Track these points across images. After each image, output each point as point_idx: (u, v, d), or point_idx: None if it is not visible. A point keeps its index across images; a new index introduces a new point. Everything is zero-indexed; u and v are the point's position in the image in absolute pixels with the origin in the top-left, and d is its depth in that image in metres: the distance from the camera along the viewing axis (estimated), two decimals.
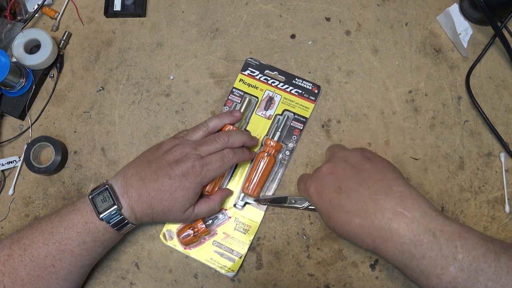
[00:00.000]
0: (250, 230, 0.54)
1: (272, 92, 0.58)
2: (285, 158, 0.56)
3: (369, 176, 0.43)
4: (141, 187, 0.48)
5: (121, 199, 0.48)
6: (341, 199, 0.43)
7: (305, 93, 0.57)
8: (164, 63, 0.61)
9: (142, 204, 0.48)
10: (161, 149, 0.51)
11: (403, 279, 0.52)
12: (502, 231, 0.53)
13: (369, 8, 0.60)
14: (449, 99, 0.57)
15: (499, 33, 0.54)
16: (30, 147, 0.58)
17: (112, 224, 0.48)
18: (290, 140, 0.57)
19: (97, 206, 0.47)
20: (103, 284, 0.55)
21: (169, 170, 0.48)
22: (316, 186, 0.47)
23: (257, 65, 0.59)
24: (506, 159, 0.55)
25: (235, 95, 0.58)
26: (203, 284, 0.54)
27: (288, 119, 0.57)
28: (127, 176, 0.49)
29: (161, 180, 0.48)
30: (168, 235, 0.55)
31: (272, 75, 0.58)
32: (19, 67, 0.59)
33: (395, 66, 0.58)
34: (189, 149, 0.50)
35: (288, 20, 0.61)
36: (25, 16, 0.63)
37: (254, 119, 0.57)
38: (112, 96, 0.61)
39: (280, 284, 0.54)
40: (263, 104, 0.57)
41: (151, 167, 0.49)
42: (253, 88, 0.58)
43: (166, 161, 0.49)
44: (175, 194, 0.48)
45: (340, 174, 0.45)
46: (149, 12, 0.63)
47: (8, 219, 0.58)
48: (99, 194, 0.48)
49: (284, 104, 0.57)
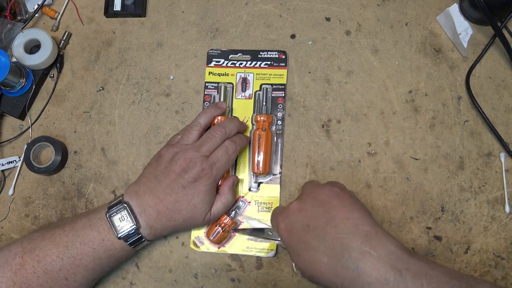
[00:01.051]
0: (273, 206, 0.55)
1: (243, 73, 0.59)
2: (279, 128, 0.57)
3: (336, 214, 0.43)
4: (157, 204, 0.48)
5: (139, 218, 0.47)
6: (309, 237, 0.43)
7: (274, 63, 0.59)
8: (164, 63, 0.61)
9: (162, 219, 0.48)
10: (163, 161, 0.50)
11: None
12: (502, 231, 0.53)
13: (369, 8, 0.60)
14: (449, 99, 0.57)
15: (499, 33, 0.54)
16: (30, 147, 0.58)
17: (129, 243, 0.48)
18: (277, 110, 0.58)
19: (115, 225, 0.47)
20: (103, 284, 0.55)
21: (181, 180, 0.48)
22: (285, 224, 0.46)
23: (219, 54, 0.60)
24: (506, 159, 0.55)
25: (210, 89, 0.59)
26: (203, 284, 0.54)
27: (268, 91, 0.58)
28: (140, 194, 0.49)
29: (176, 192, 0.48)
30: (198, 241, 0.55)
31: (237, 57, 0.59)
32: (19, 67, 0.59)
33: (395, 66, 0.58)
34: (192, 153, 0.49)
35: (288, 20, 0.61)
36: (25, 16, 0.63)
37: (237, 104, 0.58)
38: (112, 96, 0.61)
39: (280, 284, 0.54)
40: (239, 87, 0.58)
41: (162, 183, 0.49)
42: (224, 76, 0.59)
43: (174, 173, 0.49)
44: (193, 201, 0.48)
45: (309, 211, 0.44)
46: (149, 12, 0.63)
47: (8, 219, 0.58)
48: (117, 212, 0.47)
49: (259, 80, 0.58)
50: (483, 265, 0.53)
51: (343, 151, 0.56)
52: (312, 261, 0.42)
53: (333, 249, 0.41)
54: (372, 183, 0.55)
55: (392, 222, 0.54)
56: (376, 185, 0.55)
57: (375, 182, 0.55)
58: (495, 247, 0.53)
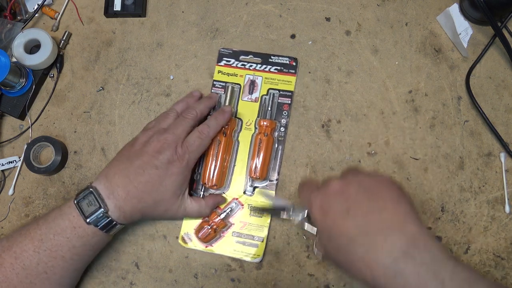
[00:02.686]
0: (265, 213, 0.55)
1: (252, 75, 0.58)
2: (281, 134, 0.57)
3: (383, 205, 0.39)
4: (127, 184, 0.47)
5: (107, 201, 0.47)
6: (348, 223, 0.39)
7: (284, 68, 0.58)
8: (164, 63, 0.61)
9: (131, 200, 0.47)
10: (137, 143, 0.50)
11: None
12: (502, 231, 0.53)
13: (369, 8, 0.60)
14: (449, 99, 0.57)
15: (499, 33, 0.54)
16: (30, 147, 0.58)
17: (100, 227, 0.47)
18: (282, 116, 0.57)
19: (83, 211, 0.47)
20: (103, 284, 0.55)
21: (154, 161, 0.48)
22: (322, 203, 0.42)
23: (230, 54, 0.59)
24: (506, 159, 0.55)
25: (217, 87, 0.59)
26: (203, 284, 0.54)
27: (275, 96, 0.58)
28: (110, 176, 0.48)
29: (148, 172, 0.48)
30: (187, 238, 0.55)
31: (248, 59, 0.59)
32: (19, 67, 0.59)
33: (395, 66, 0.58)
34: (167, 135, 0.50)
35: (288, 20, 0.61)
36: (25, 16, 0.63)
37: (242, 105, 0.58)
38: (112, 96, 0.61)
39: (280, 284, 0.54)
40: (246, 88, 0.58)
41: (134, 163, 0.48)
42: (233, 76, 0.59)
43: (148, 154, 0.48)
44: (165, 183, 0.48)
45: (351, 196, 0.41)
46: (149, 12, 0.63)
47: (8, 219, 0.58)
48: (84, 198, 0.47)
49: (267, 84, 0.58)
50: (483, 265, 0.53)
51: (343, 151, 0.56)
52: (345, 249, 0.39)
53: (373, 243, 0.38)
54: None
55: None
56: None
57: None
58: (495, 247, 0.53)
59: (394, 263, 0.36)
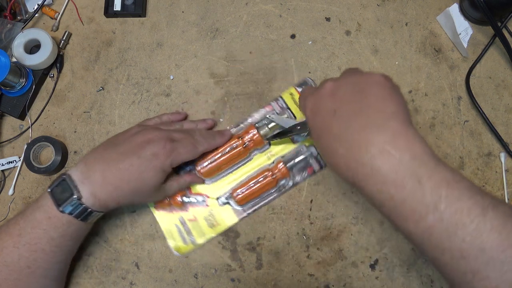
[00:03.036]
0: (217, 228, 0.54)
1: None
2: (285, 186, 0.55)
3: (369, 104, 0.38)
4: (105, 170, 0.46)
5: (80, 187, 0.45)
6: (333, 123, 0.39)
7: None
8: (164, 63, 0.61)
9: (107, 186, 0.46)
10: (128, 133, 0.50)
11: (403, 279, 0.52)
12: None
13: (369, 8, 0.60)
14: (449, 99, 0.57)
15: (499, 33, 0.54)
16: (30, 147, 0.58)
17: (75, 215, 0.45)
18: (300, 174, 0.55)
19: (56, 199, 0.45)
20: (103, 284, 0.55)
21: (139, 150, 0.47)
22: (313, 104, 0.42)
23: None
24: (506, 159, 0.55)
25: (278, 105, 0.57)
26: (203, 284, 0.54)
27: (311, 155, 0.55)
28: (89, 161, 0.47)
29: (129, 160, 0.46)
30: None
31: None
32: (19, 67, 0.59)
33: (395, 66, 0.58)
34: (160, 131, 0.50)
35: (288, 20, 0.61)
36: (25, 16, 0.63)
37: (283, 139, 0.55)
38: (112, 96, 0.61)
39: (280, 284, 0.54)
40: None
41: (117, 150, 0.47)
42: (297, 107, 0.56)
43: (135, 142, 0.48)
44: (145, 174, 0.47)
45: (340, 96, 0.40)
46: (149, 12, 0.63)
47: (8, 219, 0.58)
48: (58, 185, 0.46)
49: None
50: None
51: None
52: (330, 149, 0.40)
53: (352, 141, 0.37)
54: None
55: None
56: None
57: None
58: None
59: (371, 160, 0.36)
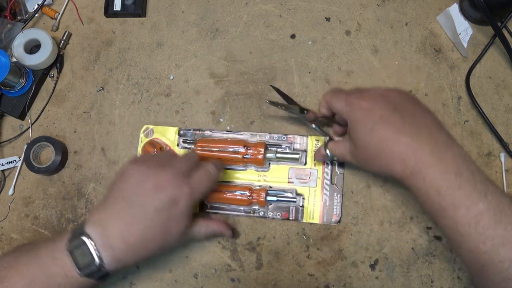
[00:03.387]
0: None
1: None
2: (255, 212, 0.55)
3: (423, 110, 0.44)
4: (125, 233, 0.42)
5: (102, 254, 0.42)
6: (395, 117, 0.42)
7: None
8: (164, 63, 0.61)
9: (131, 250, 0.43)
10: (133, 181, 0.44)
11: (403, 279, 0.52)
12: None
13: (369, 8, 0.60)
14: (449, 99, 0.57)
15: (499, 33, 0.54)
16: (30, 147, 0.58)
17: (95, 279, 0.43)
18: (274, 212, 0.55)
19: (77, 261, 0.42)
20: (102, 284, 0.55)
21: (155, 201, 0.42)
22: (367, 102, 0.44)
23: None
24: (506, 159, 0.55)
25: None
26: (203, 284, 0.54)
27: (295, 204, 0.54)
28: (104, 221, 0.43)
29: (149, 216, 0.42)
30: None
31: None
32: (19, 67, 0.59)
33: (395, 66, 0.58)
34: (166, 169, 0.44)
35: (288, 20, 0.61)
36: (25, 16, 0.63)
37: (282, 167, 0.55)
38: (112, 96, 0.61)
39: (280, 284, 0.54)
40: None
41: (132, 206, 0.43)
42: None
43: (147, 192, 0.43)
44: (169, 225, 0.43)
45: (396, 98, 0.44)
46: (149, 12, 0.63)
47: (8, 219, 0.58)
48: (77, 247, 0.42)
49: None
50: None
51: None
52: (389, 137, 0.42)
53: (419, 134, 0.41)
54: (372, 183, 0.55)
55: (392, 222, 0.54)
56: (376, 185, 0.55)
57: (375, 182, 0.55)
58: None
59: (438, 151, 0.40)
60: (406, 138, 0.41)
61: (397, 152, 0.41)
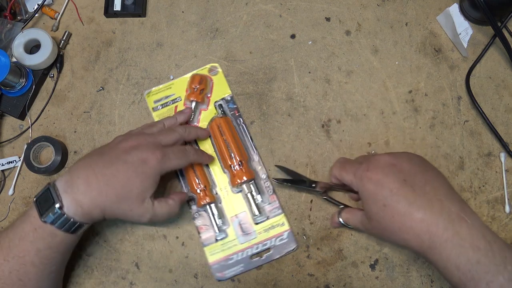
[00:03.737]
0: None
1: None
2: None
3: (433, 177, 0.44)
4: (89, 175, 0.44)
5: (63, 195, 0.44)
6: (406, 190, 0.42)
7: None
8: (164, 63, 0.61)
9: (91, 192, 0.44)
10: (114, 142, 0.49)
11: (403, 279, 0.52)
12: (502, 231, 0.53)
13: (369, 8, 0.60)
14: (449, 99, 0.57)
15: (499, 33, 0.54)
16: (30, 147, 0.58)
17: (57, 225, 0.44)
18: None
19: (40, 209, 0.44)
20: (103, 284, 0.55)
21: (126, 156, 0.45)
22: (376, 174, 0.44)
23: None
24: (506, 159, 0.55)
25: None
26: (203, 284, 0.54)
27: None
28: (73, 170, 0.46)
29: (116, 165, 0.45)
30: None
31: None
32: (19, 67, 0.59)
33: (395, 66, 0.58)
34: (147, 137, 0.48)
35: (288, 20, 0.61)
36: (25, 16, 0.63)
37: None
38: (112, 96, 0.61)
39: (280, 284, 0.54)
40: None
41: (103, 157, 0.46)
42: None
43: (121, 149, 0.46)
44: (132, 180, 0.45)
45: (405, 168, 0.44)
46: (149, 12, 0.63)
47: (8, 219, 0.58)
48: (42, 195, 0.45)
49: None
50: None
51: (343, 151, 0.56)
52: (403, 214, 0.42)
53: (432, 207, 0.41)
54: None
55: None
56: None
57: None
58: None
59: (452, 225, 0.40)
60: (419, 213, 0.41)
61: (411, 227, 0.42)
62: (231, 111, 0.58)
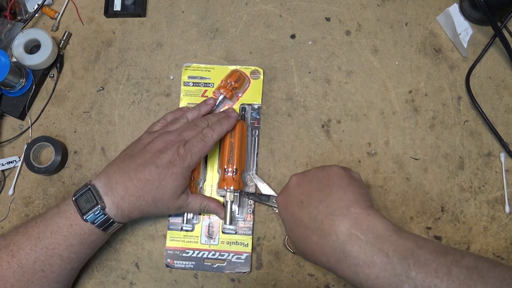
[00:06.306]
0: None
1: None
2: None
3: (330, 193, 0.43)
4: (126, 181, 0.47)
5: (104, 198, 0.47)
6: (302, 214, 0.44)
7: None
8: (164, 63, 0.61)
9: (130, 198, 0.47)
10: (141, 144, 0.50)
11: None
12: (502, 231, 0.53)
13: (369, 8, 0.60)
14: (449, 99, 0.57)
15: (499, 33, 0.54)
16: (30, 147, 0.58)
17: (97, 224, 0.47)
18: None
19: (81, 208, 0.47)
20: (103, 284, 0.55)
21: (155, 159, 0.48)
22: (283, 198, 0.47)
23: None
24: (506, 159, 0.55)
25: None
26: (203, 284, 0.54)
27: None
28: (110, 173, 0.48)
29: (148, 170, 0.47)
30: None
31: None
32: (19, 67, 0.59)
33: (395, 66, 0.58)
34: (172, 136, 0.50)
35: (288, 20, 0.61)
36: (25, 16, 0.63)
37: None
38: (112, 96, 0.61)
39: (280, 284, 0.54)
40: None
41: (135, 161, 0.48)
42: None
43: (150, 152, 0.48)
44: (165, 182, 0.48)
45: (305, 188, 0.45)
46: (149, 12, 0.63)
47: (8, 219, 0.58)
48: (82, 195, 0.47)
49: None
50: None
51: (343, 151, 0.57)
52: (303, 238, 0.43)
53: (322, 229, 0.41)
54: (372, 183, 0.55)
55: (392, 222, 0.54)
56: (376, 185, 0.55)
57: (375, 182, 0.55)
58: (495, 247, 0.53)
59: (342, 246, 0.40)
60: (314, 236, 0.42)
61: (311, 250, 0.43)
62: (252, 120, 0.57)
